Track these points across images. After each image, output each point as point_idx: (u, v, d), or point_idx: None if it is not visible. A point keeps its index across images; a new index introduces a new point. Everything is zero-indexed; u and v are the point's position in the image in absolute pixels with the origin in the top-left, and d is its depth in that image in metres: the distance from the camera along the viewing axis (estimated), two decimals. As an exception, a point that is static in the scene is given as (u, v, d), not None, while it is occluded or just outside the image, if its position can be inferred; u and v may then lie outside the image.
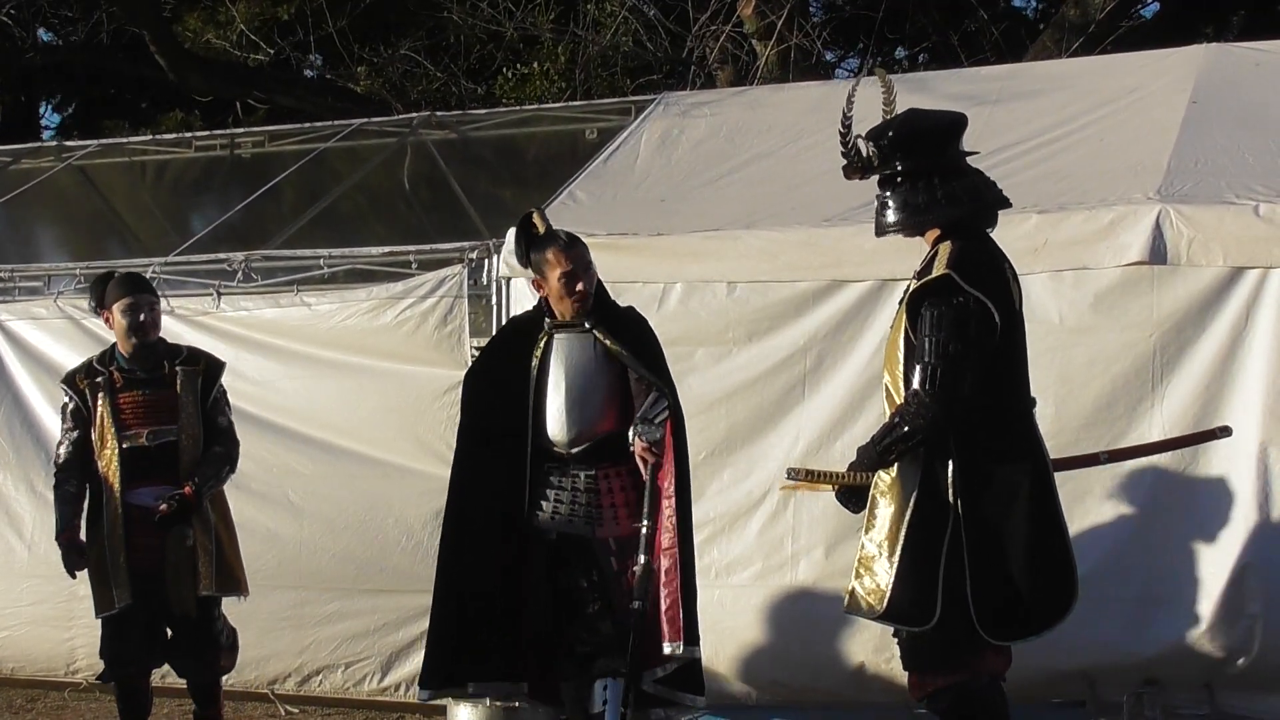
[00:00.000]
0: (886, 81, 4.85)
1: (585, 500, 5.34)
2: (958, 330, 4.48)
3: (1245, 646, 5.81)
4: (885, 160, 4.67)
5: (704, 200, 7.23)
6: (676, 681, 5.29)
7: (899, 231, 4.74)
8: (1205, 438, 5.51)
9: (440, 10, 13.71)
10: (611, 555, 5.34)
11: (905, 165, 4.65)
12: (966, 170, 4.73)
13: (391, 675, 7.16)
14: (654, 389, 5.29)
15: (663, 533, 5.19)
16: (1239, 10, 14.57)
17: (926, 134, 4.69)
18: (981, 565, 4.49)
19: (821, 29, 12.97)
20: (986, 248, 4.69)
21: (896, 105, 4.80)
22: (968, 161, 4.75)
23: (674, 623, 5.13)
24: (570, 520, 5.35)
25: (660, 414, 5.25)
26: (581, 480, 5.35)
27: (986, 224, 4.74)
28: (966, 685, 4.59)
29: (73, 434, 6.18)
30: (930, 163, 4.65)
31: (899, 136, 4.66)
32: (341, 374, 7.29)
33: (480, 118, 9.72)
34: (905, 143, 4.65)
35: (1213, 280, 5.93)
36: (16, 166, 10.14)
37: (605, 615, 5.33)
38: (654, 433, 5.17)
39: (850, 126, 4.73)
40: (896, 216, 4.69)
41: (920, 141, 4.66)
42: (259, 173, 9.43)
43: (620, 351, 5.33)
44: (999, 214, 4.84)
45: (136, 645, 6.05)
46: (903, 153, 4.65)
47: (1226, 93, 7.16)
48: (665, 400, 5.27)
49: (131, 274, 6.42)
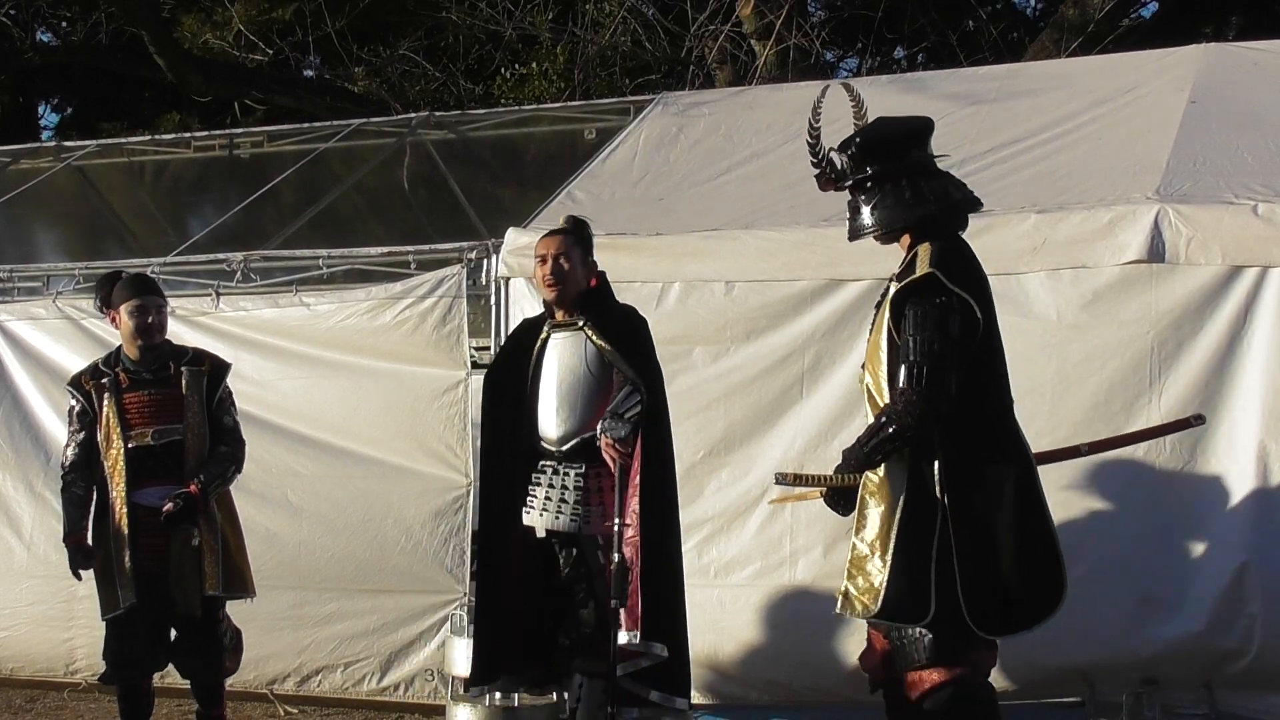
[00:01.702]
0: (854, 93, 4.89)
1: (574, 498, 5.35)
2: (942, 329, 4.52)
3: (1245, 646, 5.82)
4: (855, 166, 4.72)
5: (702, 200, 7.23)
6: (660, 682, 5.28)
7: (871, 233, 4.78)
8: (1179, 426, 5.50)
9: (439, 10, 13.71)
10: (599, 551, 5.36)
11: (874, 170, 4.71)
12: (935, 173, 4.78)
13: (390, 675, 7.17)
14: (628, 384, 5.30)
15: (625, 527, 5.19)
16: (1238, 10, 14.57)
17: (892, 139, 4.75)
18: (971, 561, 4.51)
19: (820, 29, 12.97)
20: (965, 248, 4.73)
21: (868, 115, 4.84)
22: (937, 165, 4.79)
23: (631, 613, 5.14)
24: (558, 517, 5.37)
25: (631, 409, 5.26)
26: (571, 478, 5.37)
27: (957, 226, 4.77)
28: (962, 682, 4.61)
29: (79, 436, 6.19)
30: (898, 166, 4.71)
31: (865, 142, 4.73)
32: (340, 374, 7.30)
33: (479, 118, 9.73)
34: (872, 148, 4.71)
35: (1211, 279, 5.93)
36: (15, 167, 10.15)
37: (591, 610, 5.36)
38: (619, 429, 5.17)
39: (819, 137, 4.80)
40: (868, 219, 4.75)
41: (886, 146, 4.73)
42: (258, 173, 9.43)
43: (605, 348, 5.35)
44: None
45: (140, 647, 6.05)
46: (871, 158, 4.71)
47: (1225, 92, 7.17)
48: (638, 395, 5.28)
49: (139, 275, 6.41)
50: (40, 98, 18.88)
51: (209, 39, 15.11)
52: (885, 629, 4.68)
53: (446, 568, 7.03)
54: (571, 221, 5.64)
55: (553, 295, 5.51)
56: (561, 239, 5.51)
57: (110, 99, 17.65)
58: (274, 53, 14.74)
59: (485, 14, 13.40)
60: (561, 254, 5.47)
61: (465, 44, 13.93)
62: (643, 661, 5.20)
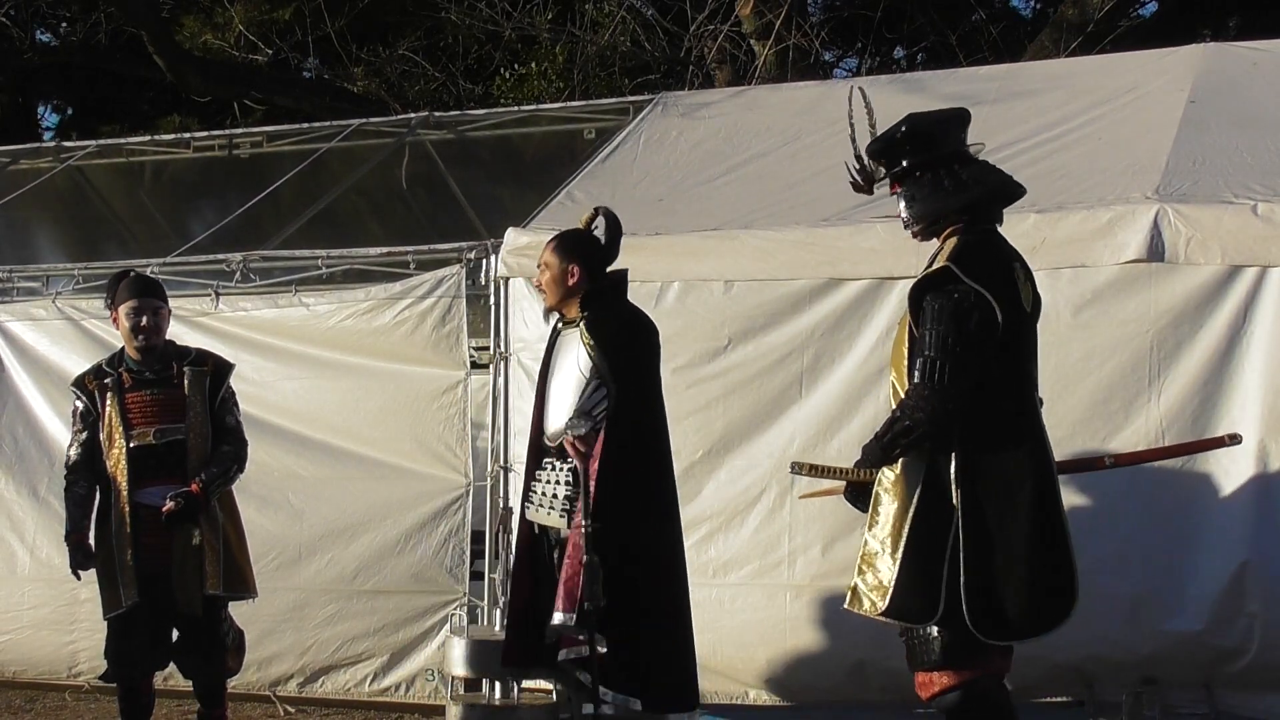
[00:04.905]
0: (867, 102, 4.90)
1: (563, 493, 5.36)
2: (957, 323, 4.47)
3: (1244, 645, 5.82)
4: (893, 159, 4.71)
5: (702, 199, 7.24)
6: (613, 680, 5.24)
7: (917, 224, 4.74)
8: (1214, 444, 5.51)
9: (438, 10, 13.71)
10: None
11: (911, 161, 4.69)
12: (971, 160, 4.75)
13: (392, 676, 7.17)
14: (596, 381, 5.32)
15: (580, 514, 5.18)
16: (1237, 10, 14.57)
17: (931, 128, 4.72)
18: (977, 563, 4.48)
19: (820, 28, 12.97)
20: (992, 242, 4.69)
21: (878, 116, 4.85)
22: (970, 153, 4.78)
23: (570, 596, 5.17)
24: (549, 513, 5.38)
25: (597, 405, 5.27)
26: (562, 474, 5.38)
27: (995, 216, 4.74)
28: (974, 684, 4.58)
29: (81, 435, 6.20)
30: (936, 156, 4.68)
31: (907, 134, 4.70)
32: (340, 374, 7.30)
33: (478, 118, 9.72)
34: (912, 139, 4.69)
35: (1210, 278, 5.94)
36: (15, 167, 10.14)
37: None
38: (579, 427, 5.18)
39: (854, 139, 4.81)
40: (911, 210, 4.72)
41: (924, 137, 4.70)
42: (257, 173, 9.43)
43: (588, 343, 5.37)
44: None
45: (141, 646, 6.05)
46: (910, 148, 4.69)
47: (1224, 92, 7.17)
48: (604, 391, 5.29)
49: (142, 277, 6.41)
50: (40, 98, 18.88)
51: (208, 39, 15.11)
52: (898, 628, 4.67)
53: (446, 568, 7.03)
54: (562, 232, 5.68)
55: (551, 303, 5.59)
56: (547, 246, 5.59)
57: (110, 99, 17.65)
58: (274, 53, 14.73)
59: (484, 14, 13.38)
60: (542, 261, 5.56)
61: (464, 44, 13.93)
62: (583, 650, 5.17)
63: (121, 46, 15.49)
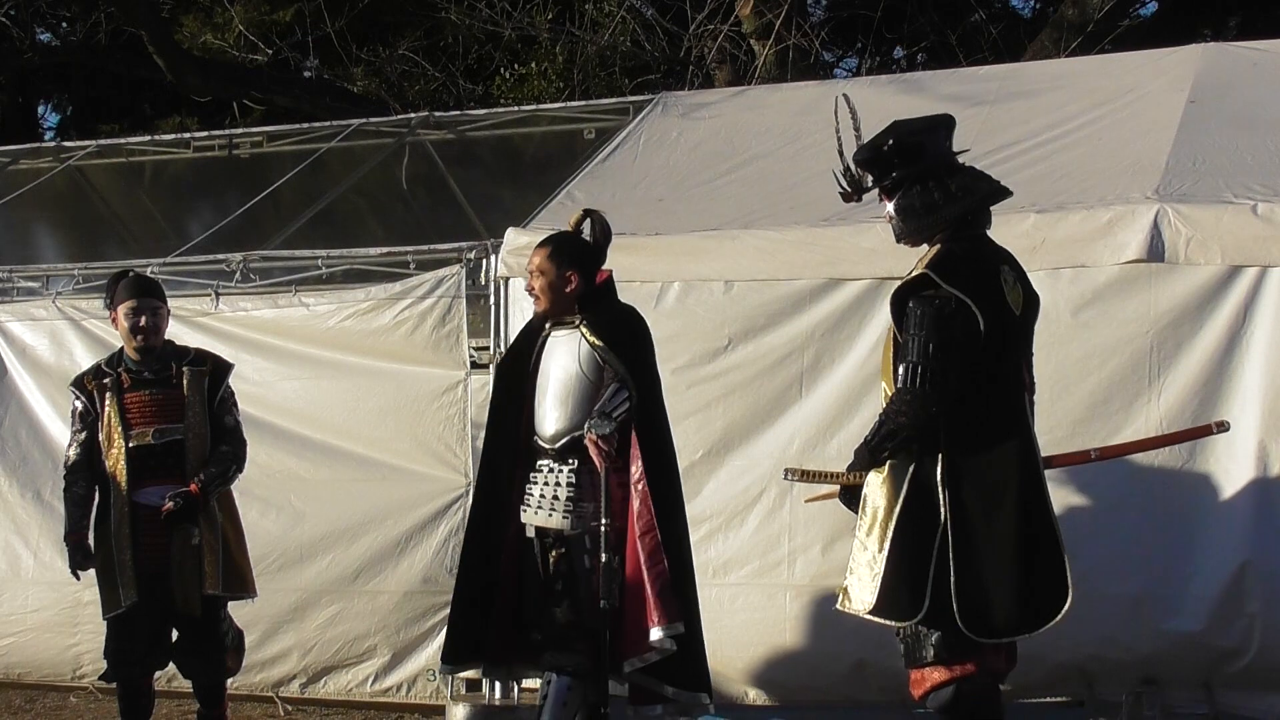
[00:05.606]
0: (851, 106, 4.91)
1: (566, 495, 5.36)
2: (938, 328, 4.54)
3: (1244, 645, 5.82)
4: (882, 171, 4.73)
5: (702, 200, 7.24)
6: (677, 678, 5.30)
7: (910, 236, 4.78)
8: (1201, 433, 5.52)
9: (438, 10, 13.71)
10: (585, 553, 5.36)
11: (900, 174, 4.71)
12: (959, 168, 4.77)
13: (392, 676, 7.17)
14: (617, 381, 5.32)
15: (637, 520, 5.23)
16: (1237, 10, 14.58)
17: (918, 137, 4.76)
18: (965, 562, 4.51)
19: (820, 29, 12.98)
20: (975, 248, 4.73)
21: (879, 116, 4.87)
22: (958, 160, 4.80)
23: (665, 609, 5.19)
24: (550, 515, 5.38)
25: (618, 408, 5.27)
26: (564, 476, 5.38)
27: (983, 222, 4.77)
28: (966, 682, 4.60)
29: (81, 435, 6.20)
30: (925, 167, 4.70)
31: (894, 148, 4.73)
32: (340, 374, 7.30)
33: (478, 118, 9.72)
34: (900, 152, 4.72)
35: (1210, 278, 5.94)
36: (15, 167, 10.14)
37: (566, 608, 5.36)
38: (603, 427, 5.19)
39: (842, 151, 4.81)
40: (904, 224, 4.75)
41: (912, 148, 4.74)
42: (257, 173, 9.43)
43: (597, 344, 5.36)
44: (996, 215, 4.88)
45: (141, 645, 6.06)
46: (899, 160, 4.71)
47: (1224, 92, 7.17)
48: (626, 392, 5.29)
49: (140, 277, 6.42)
50: (40, 98, 18.88)
51: (208, 39, 15.11)
52: (896, 629, 4.69)
53: (446, 568, 7.02)
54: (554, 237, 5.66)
55: (542, 309, 5.56)
56: (540, 252, 5.55)
57: (110, 99, 17.65)
58: (273, 53, 14.73)
59: (484, 14, 13.38)
60: (536, 268, 5.52)
61: (464, 44, 13.92)
62: (651, 656, 5.21)
63: (121, 46, 15.49)
